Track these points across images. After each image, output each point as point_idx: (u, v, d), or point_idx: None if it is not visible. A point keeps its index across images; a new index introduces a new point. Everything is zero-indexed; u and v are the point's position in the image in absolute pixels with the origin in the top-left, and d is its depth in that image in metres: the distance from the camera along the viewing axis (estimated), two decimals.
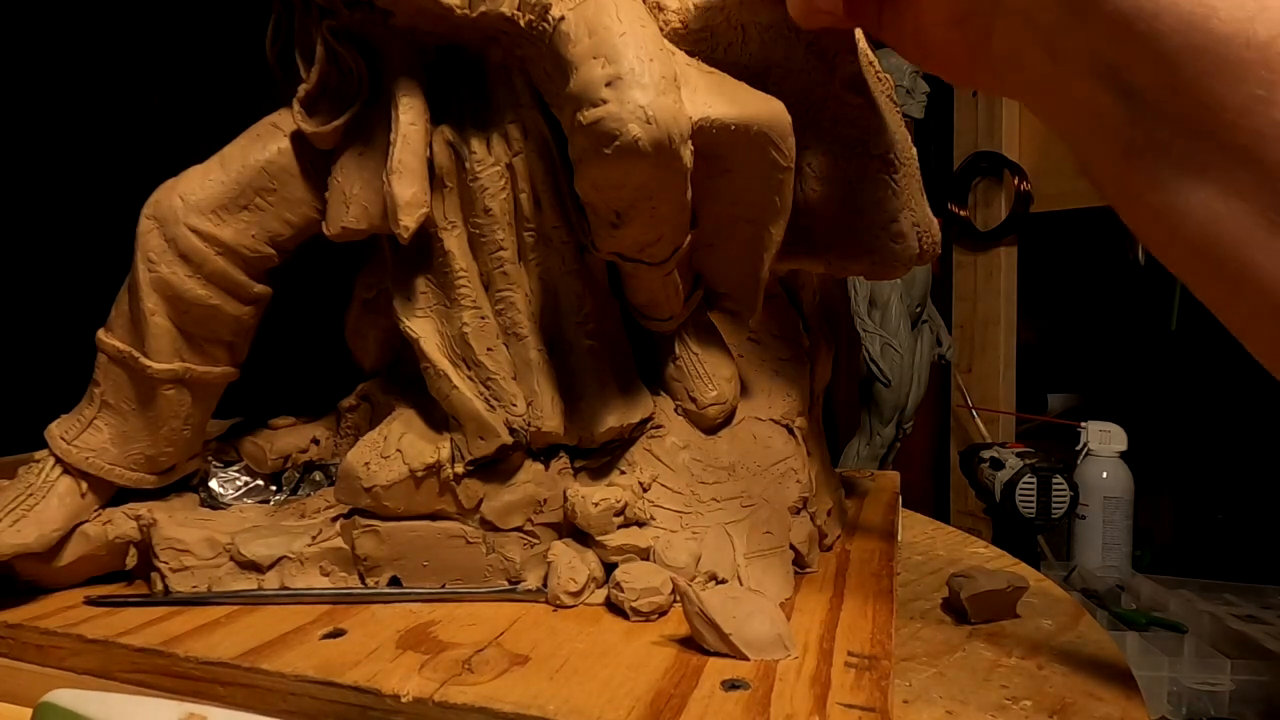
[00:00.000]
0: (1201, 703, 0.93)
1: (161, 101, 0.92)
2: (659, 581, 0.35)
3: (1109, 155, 0.26)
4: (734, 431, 0.41)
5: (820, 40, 0.37)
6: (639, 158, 0.30)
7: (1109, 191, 0.27)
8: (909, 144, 0.40)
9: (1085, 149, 0.28)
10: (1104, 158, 0.27)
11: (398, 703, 0.28)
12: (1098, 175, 0.28)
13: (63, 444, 0.39)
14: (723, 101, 0.33)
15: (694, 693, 0.28)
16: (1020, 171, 1.61)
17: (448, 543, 0.38)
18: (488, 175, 0.38)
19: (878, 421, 1.49)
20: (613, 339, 0.40)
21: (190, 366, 0.40)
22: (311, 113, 0.39)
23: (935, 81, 1.48)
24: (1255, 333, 0.25)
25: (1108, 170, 0.27)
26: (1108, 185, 0.27)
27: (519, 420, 0.38)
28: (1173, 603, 1.12)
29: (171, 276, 0.38)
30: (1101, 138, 0.26)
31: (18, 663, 0.34)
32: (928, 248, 0.41)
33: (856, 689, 0.28)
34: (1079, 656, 0.36)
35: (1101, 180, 0.28)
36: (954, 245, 1.72)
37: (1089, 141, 0.27)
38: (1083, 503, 1.37)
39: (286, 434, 0.48)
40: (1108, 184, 0.27)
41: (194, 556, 0.38)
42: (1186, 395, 1.51)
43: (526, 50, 0.36)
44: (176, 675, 0.32)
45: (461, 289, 0.39)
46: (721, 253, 0.39)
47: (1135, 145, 0.25)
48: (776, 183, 0.35)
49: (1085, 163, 0.28)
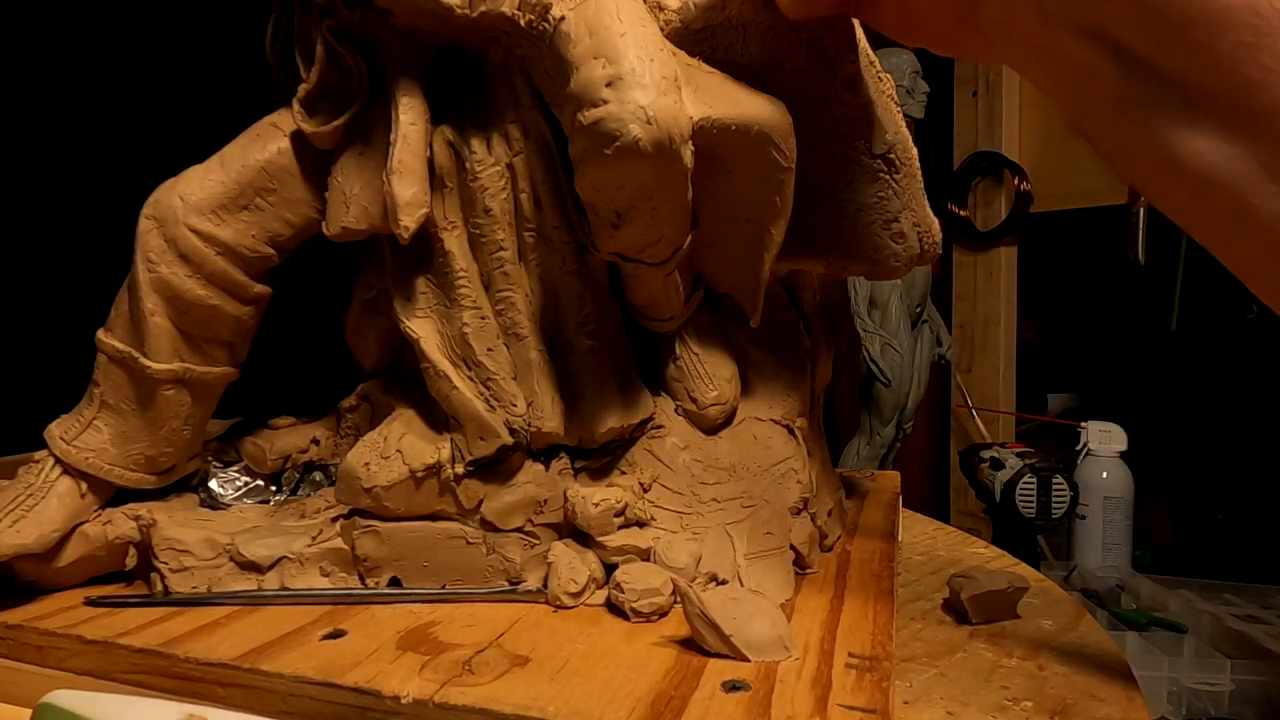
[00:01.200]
0: (1201, 703, 0.93)
1: (161, 101, 0.92)
2: (659, 582, 0.35)
3: (1102, 111, 0.27)
4: (734, 432, 0.41)
5: (821, 40, 0.37)
6: (639, 158, 0.30)
7: (1103, 147, 0.28)
8: (910, 144, 0.40)
9: (1077, 108, 0.28)
10: (1097, 114, 0.27)
11: (398, 704, 0.28)
12: (1091, 132, 0.28)
13: (62, 444, 0.39)
14: (723, 102, 0.33)
15: (694, 694, 0.28)
16: (1020, 171, 1.61)
17: (448, 543, 0.38)
18: (488, 175, 0.38)
19: (878, 421, 1.49)
20: (613, 339, 0.40)
21: (190, 367, 0.40)
22: (311, 113, 0.39)
23: (935, 81, 1.48)
24: (1256, 272, 0.26)
25: (1101, 126, 0.27)
26: (1102, 141, 0.28)
27: (519, 421, 0.38)
28: (1173, 603, 1.12)
29: (171, 277, 0.38)
30: (1094, 95, 0.27)
31: (17, 663, 0.34)
32: (929, 248, 0.41)
33: (857, 690, 0.28)
34: (1080, 657, 0.35)
35: (1095, 136, 0.28)
36: (954, 245, 1.72)
37: (1081, 100, 0.28)
38: (1083, 503, 1.37)
39: (286, 434, 0.48)
40: (1102, 139, 0.28)
41: (194, 557, 0.38)
42: (1186, 395, 1.51)
43: (527, 50, 0.36)
44: (176, 676, 0.31)
45: (462, 289, 0.38)
46: (722, 253, 0.39)
47: (1127, 100, 0.26)
48: (777, 183, 0.35)
49: (1077, 121, 0.29)
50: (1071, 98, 0.28)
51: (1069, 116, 0.29)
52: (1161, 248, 1.41)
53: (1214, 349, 1.41)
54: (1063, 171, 1.56)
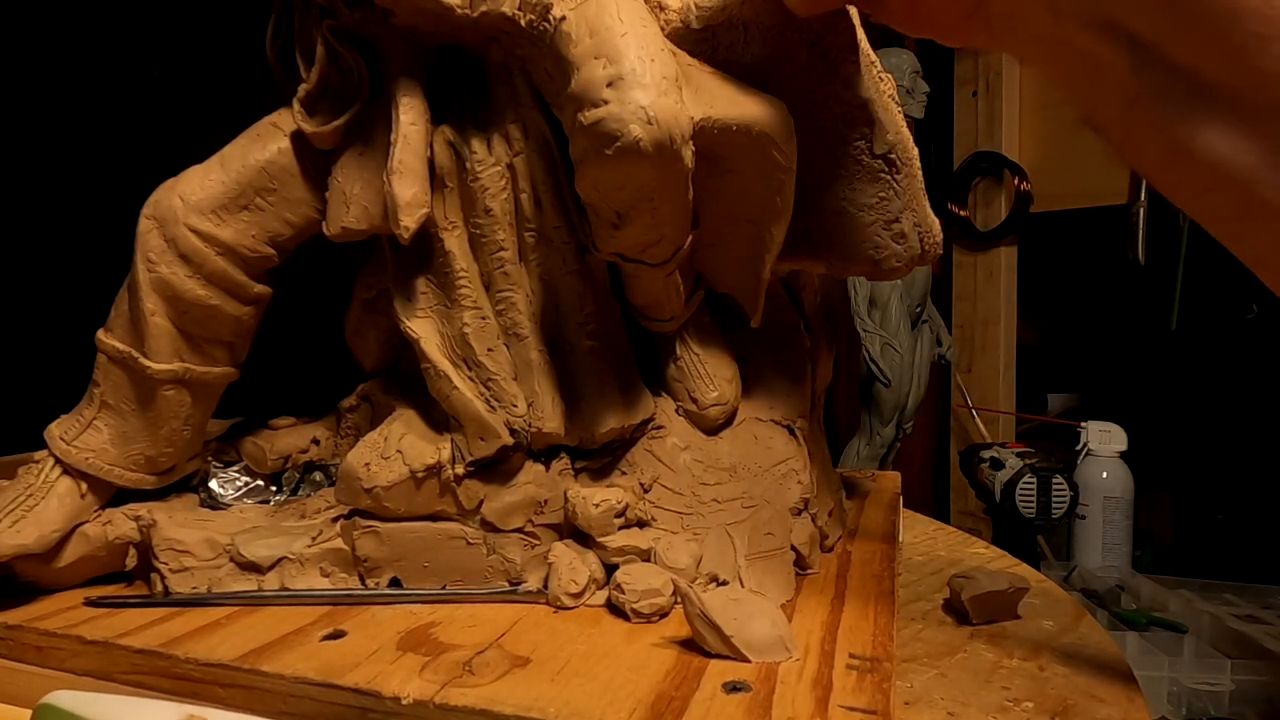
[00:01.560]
0: (1201, 703, 0.93)
1: (161, 101, 0.92)
2: (660, 583, 0.35)
3: (1113, 104, 0.27)
4: (735, 432, 0.41)
5: (821, 40, 0.37)
6: (640, 158, 0.30)
7: (1115, 139, 0.28)
8: (911, 144, 0.40)
9: (1088, 100, 0.28)
10: (1108, 107, 0.27)
11: (398, 705, 0.28)
12: (1102, 125, 0.28)
13: (62, 444, 0.39)
14: (724, 102, 0.33)
15: (695, 695, 0.28)
16: (1020, 171, 1.61)
17: (448, 544, 0.38)
18: (488, 175, 0.38)
19: (878, 421, 1.49)
20: (613, 339, 0.40)
21: (190, 367, 0.40)
22: (312, 113, 0.39)
23: (935, 81, 1.48)
24: (1270, 264, 0.26)
25: (1112, 119, 0.27)
26: (1113, 133, 0.28)
27: (520, 421, 0.38)
28: (1173, 603, 1.12)
29: (171, 277, 0.38)
30: (1105, 88, 0.27)
31: (17, 664, 0.34)
32: (929, 248, 0.41)
33: (858, 691, 0.28)
34: (1081, 658, 0.35)
35: (1106, 129, 0.28)
36: (954, 245, 1.72)
37: (1092, 93, 0.28)
38: (1083, 503, 1.38)
39: (287, 434, 0.48)
40: (1113, 132, 0.28)
41: (194, 557, 0.38)
42: (1186, 395, 1.51)
43: (527, 50, 0.36)
44: (176, 677, 0.31)
45: (462, 289, 0.38)
46: (723, 253, 0.39)
47: (1139, 92, 0.25)
48: (778, 183, 0.35)
49: (1088, 114, 0.28)
50: (1082, 90, 0.28)
51: (1080, 109, 0.29)
52: (1161, 248, 1.41)
53: (1214, 349, 1.41)
54: (1063, 171, 1.56)
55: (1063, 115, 1.55)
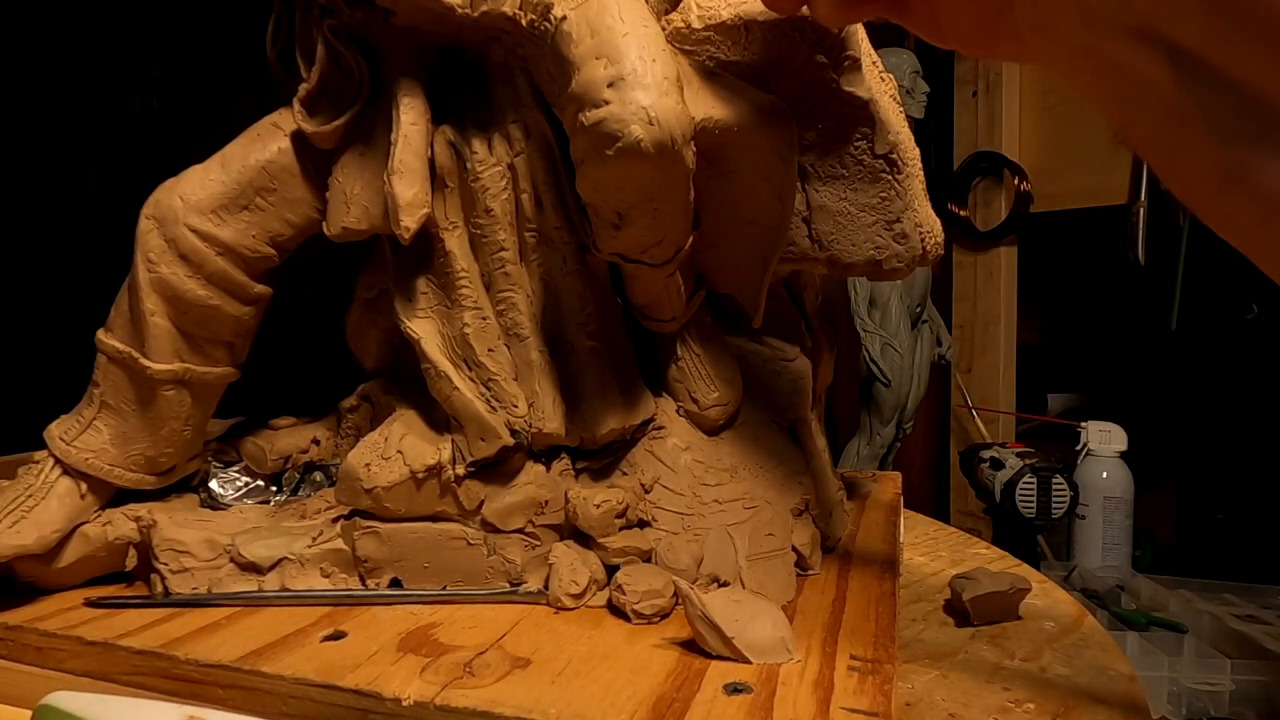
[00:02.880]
0: (1201, 703, 0.93)
1: (161, 101, 0.92)
2: (661, 584, 0.35)
3: (1154, 122, 0.24)
4: (736, 433, 0.41)
5: (823, 41, 0.37)
6: (641, 159, 0.30)
7: (1156, 160, 0.25)
8: (912, 144, 0.39)
9: (1125, 116, 0.25)
10: (1148, 124, 0.24)
11: (399, 706, 0.28)
12: (1141, 143, 0.25)
13: (62, 445, 0.39)
14: (725, 102, 0.33)
15: (696, 696, 0.28)
16: (1020, 171, 1.61)
17: (449, 544, 0.38)
18: (489, 175, 0.38)
19: (878, 421, 1.49)
20: (614, 340, 0.40)
21: (190, 367, 0.40)
22: (312, 112, 0.39)
23: (935, 81, 1.48)
24: None
25: (1153, 138, 0.24)
26: (1154, 154, 0.25)
27: (520, 421, 0.38)
28: (1173, 603, 1.12)
29: (171, 277, 0.38)
30: (1144, 104, 0.24)
31: (17, 664, 0.34)
32: (930, 249, 0.41)
33: (859, 693, 0.28)
34: (1081, 658, 0.35)
35: (1146, 148, 0.25)
36: (954, 245, 1.72)
37: (1130, 109, 0.25)
38: (1083, 503, 1.37)
39: (287, 434, 0.48)
40: (1154, 152, 0.25)
41: (194, 558, 0.38)
42: (1186, 395, 1.51)
43: (528, 50, 0.36)
44: (176, 678, 0.31)
45: (463, 290, 0.38)
46: (724, 254, 0.39)
47: (1184, 109, 0.22)
48: (779, 184, 0.35)
49: (1125, 131, 0.25)
50: (1118, 105, 0.25)
51: (1115, 125, 0.26)
52: (1161, 248, 1.41)
53: (1214, 349, 1.41)
54: (1063, 171, 1.55)
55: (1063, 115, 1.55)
